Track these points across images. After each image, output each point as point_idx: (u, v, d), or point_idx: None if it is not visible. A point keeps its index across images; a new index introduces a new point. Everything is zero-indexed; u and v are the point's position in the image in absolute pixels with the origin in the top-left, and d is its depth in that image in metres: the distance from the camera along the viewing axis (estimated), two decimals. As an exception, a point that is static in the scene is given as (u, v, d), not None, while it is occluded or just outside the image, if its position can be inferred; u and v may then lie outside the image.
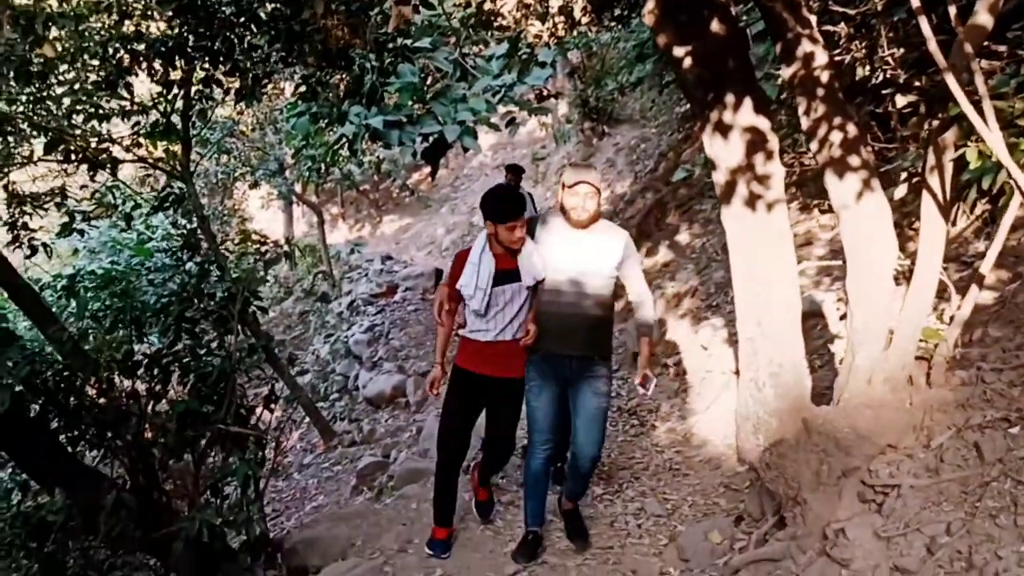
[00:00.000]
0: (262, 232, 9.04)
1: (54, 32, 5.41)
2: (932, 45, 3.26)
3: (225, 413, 5.66)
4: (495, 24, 8.46)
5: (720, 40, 3.87)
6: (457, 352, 4.77)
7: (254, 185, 15.84)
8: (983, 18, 3.48)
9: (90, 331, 5.46)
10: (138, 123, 7.55)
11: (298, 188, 17.23)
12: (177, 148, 8.97)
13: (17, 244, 6.65)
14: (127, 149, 8.25)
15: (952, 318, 4.20)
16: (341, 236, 21.70)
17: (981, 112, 3.28)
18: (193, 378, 5.72)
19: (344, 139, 8.51)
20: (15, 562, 5.22)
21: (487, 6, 8.34)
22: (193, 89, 7.18)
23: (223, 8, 5.81)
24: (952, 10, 3.31)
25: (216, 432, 5.60)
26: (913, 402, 4.16)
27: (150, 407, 5.71)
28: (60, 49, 5.81)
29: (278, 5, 5.40)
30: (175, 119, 8.35)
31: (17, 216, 7.03)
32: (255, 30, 5.71)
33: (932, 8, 3.52)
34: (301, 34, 5.46)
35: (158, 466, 5.71)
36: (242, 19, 5.61)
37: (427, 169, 22.79)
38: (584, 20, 4.78)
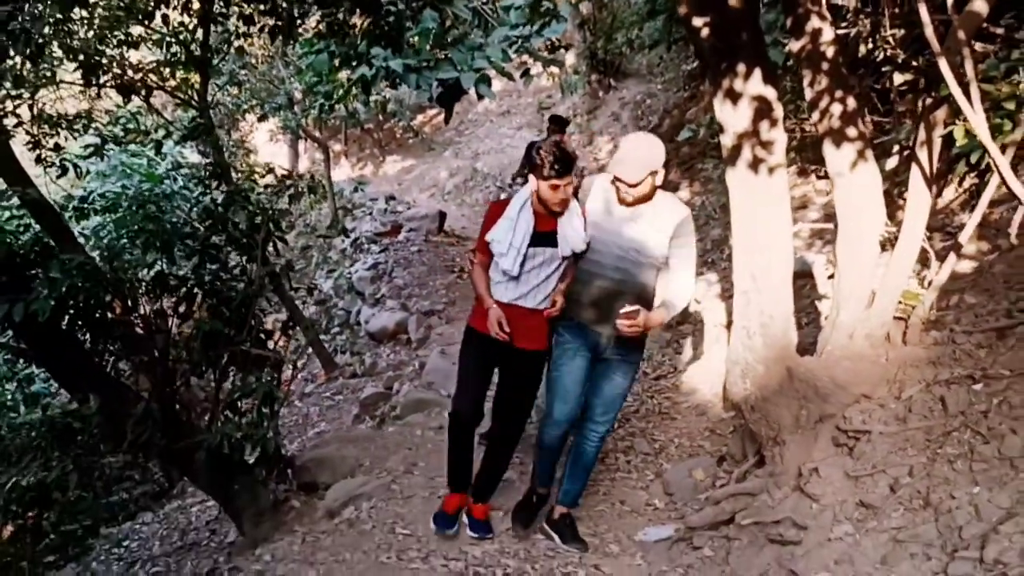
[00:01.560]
0: (267, 164, 9.33)
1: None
2: (928, 30, 3.58)
3: (246, 336, 6.01)
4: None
5: (736, 13, 4.18)
6: (473, 310, 4.53)
7: (263, 118, 15.97)
8: (979, 5, 3.78)
9: (125, 251, 5.75)
10: (175, 53, 7.76)
11: (305, 123, 17.41)
12: (195, 78, 9.20)
13: (48, 164, 6.91)
14: (145, 76, 8.48)
15: (930, 283, 4.57)
16: (343, 174, 21.85)
17: (968, 94, 3.61)
18: (216, 301, 6.03)
19: (363, 79, 8.79)
20: (48, 463, 5.57)
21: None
22: (229, 24, 7.42)
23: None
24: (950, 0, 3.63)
25: (237, 353, 5.95)
26: (889, 357, 4.53)
27: (176, 326, 6.04)
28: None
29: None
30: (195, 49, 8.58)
31: (41, 136, 7.29)
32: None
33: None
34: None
35: (181, 382, 6.07)
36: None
37: (432, 111, 23.06)
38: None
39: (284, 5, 6.19)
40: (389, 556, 4.49)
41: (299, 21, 6.40)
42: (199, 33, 8.26)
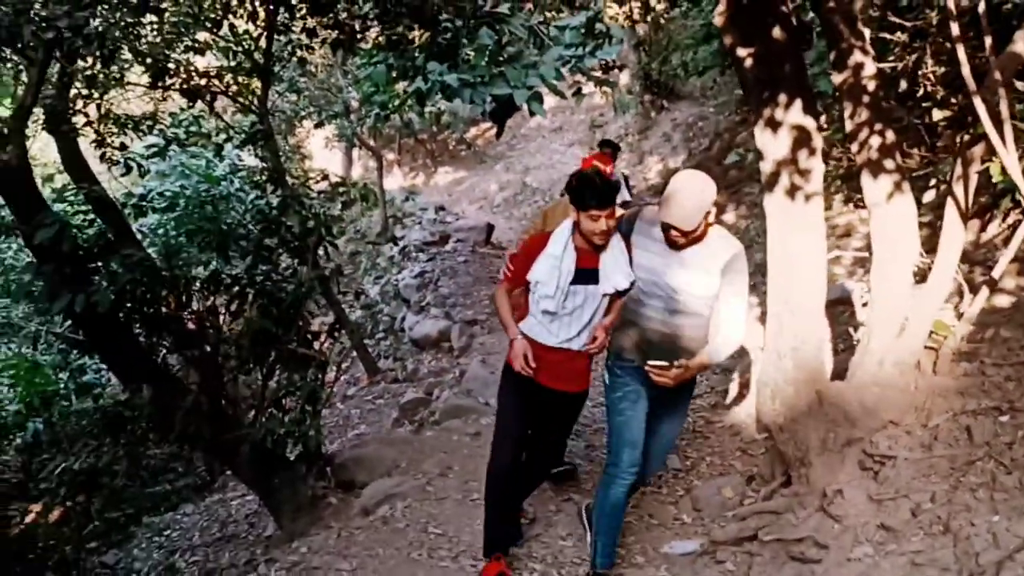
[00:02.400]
0: (323, 170, 9.59)
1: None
2: (965, 69, 3.69)
3: (293, 335, 6.23)
4: (572, -4, 8.85)
5: (780, 45, 4.31)
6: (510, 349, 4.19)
7: (319, 125, 16.31)
8: (1020, 47, 3.89)
9: (182, 249, 5.99)
10: (239, 60, 8.04)
11: (360, 132, 17.73)
12: (256, 85, 9.49)
13: (114, 162, 7.21)
14: (210, 81, 8.78)
15: (962, 315, 4.65)
16: (395, 183, 22.18)
17: (1003, 133, 3.71)
18: (267, 301, 6.26)
19: (418, 92, 9.03)
20: (100, 449, 5.82)
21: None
22: (293, 37, 7.69)
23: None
24: (988, 40, 3.73)
25: (284, 352, 6.17)
26: (918, 386, 4.61)
27: (227, 324, 6.28)
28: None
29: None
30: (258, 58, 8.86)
31: (107, 135, 7.61)
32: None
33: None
34: (399, -3, 5.95)
35: (229, 377, 6.30)
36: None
37: (485, 125, 23.30)
38: (659, 7, 5.15)
39: (346, 19, 6.43)
40: (420, 554, 4.67)
41: (360, 35, 6.62)
42: (262, 41, 8.55)
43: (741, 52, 4.39)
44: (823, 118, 8.29)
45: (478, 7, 6.25)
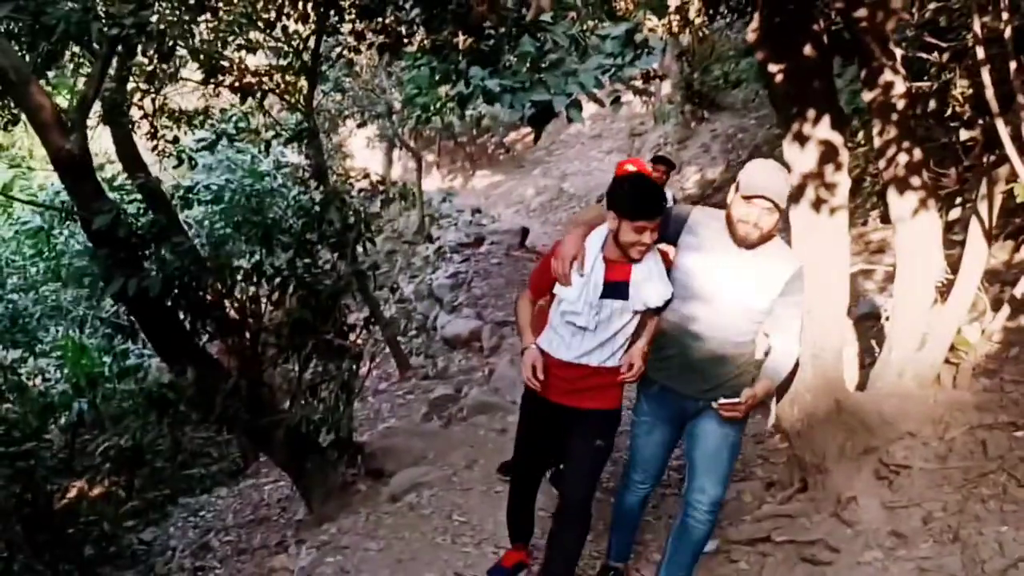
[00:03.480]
0: (364, 169, 9.84)
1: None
2: (989, 92, 3.81)
3: (331, 327, 6.45)
4: (614, 5, 9.00)
5: (810, 62, 4.44)
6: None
7: (362, 124, 16.60)
8: (1046, 72, 4.00)
9: (229, 240, 6.22)
10: (291, 62, 8.30)
11: (401, 133, 18.00)
12: (303, 84, 9.75)
13: (167, 155, 7.49)
14: (260, 79, 9.05)
15: (983, 332, 4.76)
16: (433, 184, 22.44)
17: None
18: (307, 293, 6.47)
19: (460, 96, 9.22)
20: (146, 427, 6.06)
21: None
22: (341, 39, 7.93)
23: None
24: (1012, 65, 3.85)
25: (320, 342, 6.38)
26: (936, 399, 4.72)
27: (268, 313, 6.51)
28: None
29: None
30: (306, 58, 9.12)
31: (160, 128, 7.89)
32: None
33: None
34: (444, 2, 6.13)
35: (267, 364, 6.53)
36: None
37: (525, 130, 23.47)
38: (698, 21, 5.31)
39: (393, 24, 6.64)
40: (444, 539, 4.85)
41: (406, 40, 6.83)
42: (311, 42, 8.80)
43: (772, 68, 4.53)
44: (861, 134, 8.39)
45: (522, 16, 6.42)
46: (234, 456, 10.59)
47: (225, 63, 7.92)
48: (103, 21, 5.13)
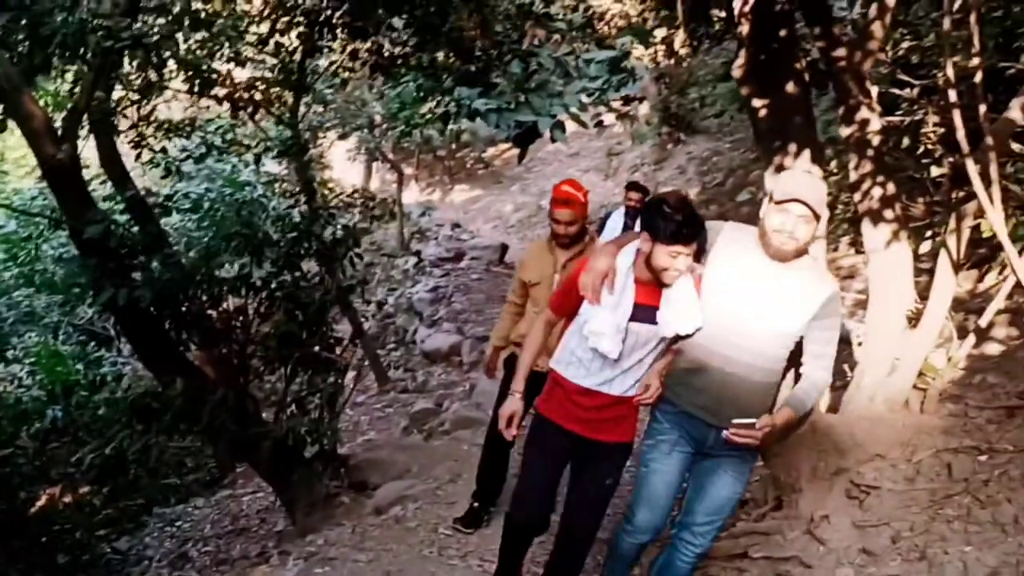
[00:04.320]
0: (354, 186, 9.96)
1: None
2: (960, 134, 4.02)
3: (318, 340, 6.57)
4: (598, 31, 9.21)
5: (792, 99, 4.65)
6: (545, 392, 3.73)
7: (343, 136, 16.69)
8: (1015, 114, 4.22)
9: (220, 252, 6.31)
10: (276, 75, 8.40)
11: (382, 146, 18.12)
12: (289, 96, 9.87)
13: (154, 165, 7.57)
14: (251, 93, 9.14)
15: (950, 359, 4.96)
16: (411, 196, 22.50)
17: (992, 194, 4.04)
18: (294, 306, 6.59)
19: (446, 113, 9.41)
20: (132, 436, 6.14)
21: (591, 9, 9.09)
22: (335, 58, 8.07)
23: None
24: (982, 108, 4.06)
25: (308, 355, 6.50)
26: (905, 422, 4.91)
27: (255, 325, 6.62)
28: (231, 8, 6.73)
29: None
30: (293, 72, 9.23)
31: (150, 137, 7.98)
32: (396, 14, 6.48)
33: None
34: (438, 27, 6.30)
35: (253, 376, 6.64)
36: (388, 4, 6.41)
37: (504, 145, 23.68)
38: (683, 51, 5.51)
39: (387, 46, 6.80)
40: (431, 551, 4.98)
41: (400, 62, 6.99)
42: (297, 55, 8.93)
43: (756, 103, 4.73)
44: (834, 163, 8.63)
45: (515, 40, 6.61)
46: (210, 466, 10.63)
47: (214, 75, 8.04)
48: (100, 34, 5.24)
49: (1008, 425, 4.73)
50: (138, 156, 8.24)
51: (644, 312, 3.38)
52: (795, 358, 3.53)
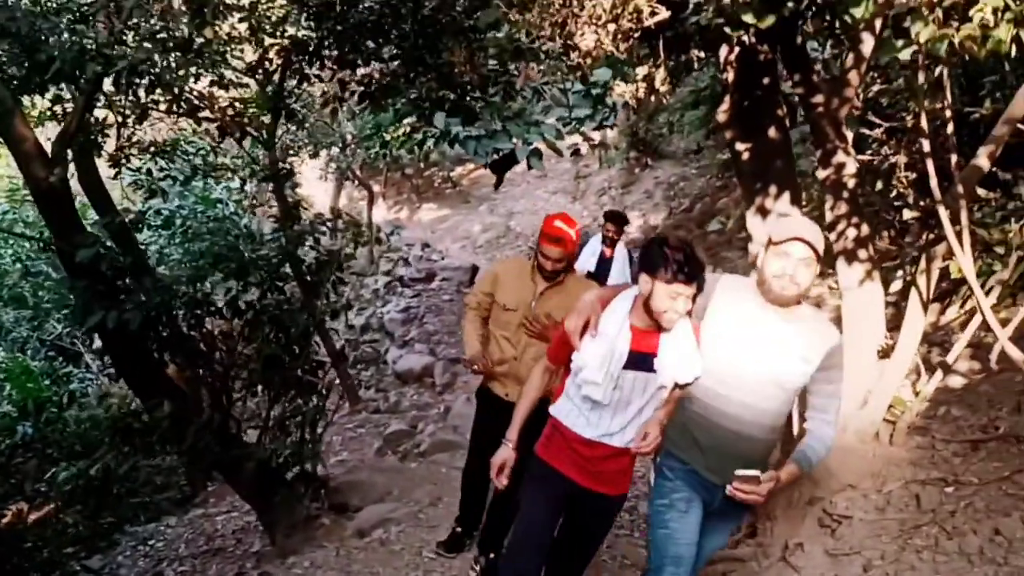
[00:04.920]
0: (337, 209, 10.06)
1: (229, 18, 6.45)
2: (933, 182, 4.25)
3: (301, 363, 6.65)
4: (574, 61, 9.41)
5: (773, 144, 4.87)
6: (544, 436, 3.65)
7: (315, 155, 16.78)
8: (982, 162, 4.45)
9: (208, 275, 6.37)
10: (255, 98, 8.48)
11: (353, 166, 18.23)
12: (267, 117, 9.95)
13: (139, 187, 7.63)
14: (212, 107, 9.18)
15: (918, 394, 5.20)
16: (379, 215, 22.59)
17: (961, 238, 4.27)
18: (278, 329, 6.66)
19: (424, 137, 9.59)
20: (119, 456, 6.18)
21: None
22: (326, 88, 8.18)
23: (353, 18, 6.74)
24: (954, 157, 4.30)
25: (292, 378, 6.58)
26: (875, 454, 5.14)
27: (239, 347, 6.68)
28: (216, 33, 6.78)
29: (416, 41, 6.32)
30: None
31: (127, 159, 8.02)
32: (384, 46, 6.63)
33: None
34: (427, 59, 6.45)
35: (237, 398, 6.71)
36: (377, 37, 6.55)
37: (471, 164, 23.84)
38: (663, 89, 5.69)
39: (377, 77, 6.94)
40: (416, 574, 5.09)
41: (388, 92, 7.12)
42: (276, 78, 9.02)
43: (739, 146, 4.95)
44: (803, 194, 8.92)
45: (506, 74, 6.78)
46: (181, 484, 10.61)
47: (196, 98, 8.12)
48: (99, 61, 5.33)
49: (973, 458, 4.96)
50: (116, 175, 8.29)
51: (641, 360, 3.27)
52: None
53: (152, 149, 7.42)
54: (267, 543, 7.03)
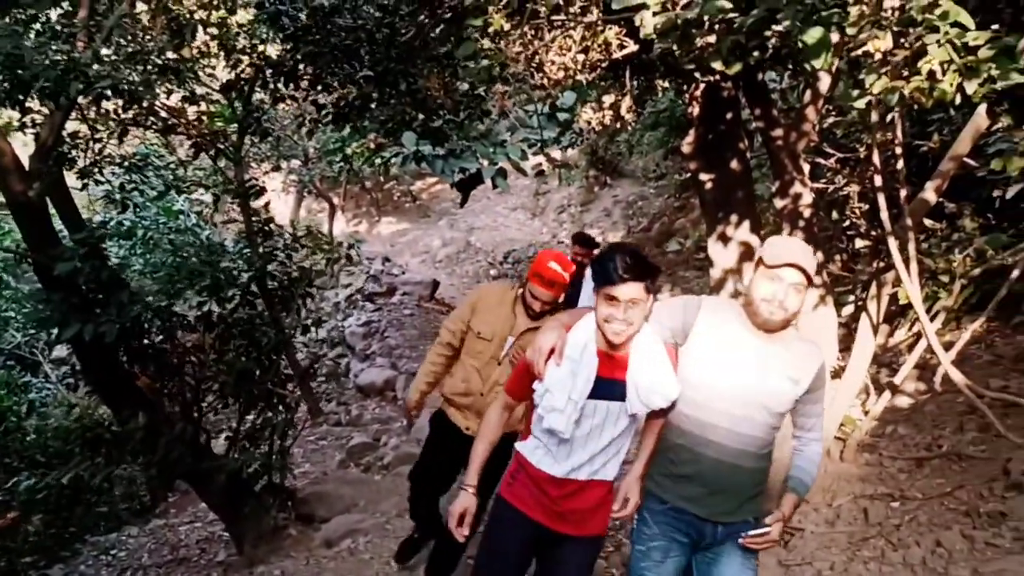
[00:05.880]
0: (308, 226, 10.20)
1: (199, 37, 6.59)
2: (884, 215, 4.54)
3: (271, 376, 6.79)
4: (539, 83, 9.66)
5: (735, 175, 5.14)
6: (510, 475, 3.30)
7: (276, 168, 16.86)
8: (929, 195, 4.75)
9: (184, 291, 6.48)
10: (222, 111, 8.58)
11: (315, 180, 18.34)
12: (233, 131, 10.06)
13: (111, 200, 7.71)
14: (187, 124, 9.30)
15: (867, 412, 5.49)
16: (338, 228, 22.68)
17: (909, 267, 4.56)
18: (249, 343, 6.79)
19: (395, 156, 9.72)
20: (93, 466, 6.26)
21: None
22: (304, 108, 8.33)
23: (331, 40, 6.91)
24: (903, 192, 4.59)
25: (263, 391, 6.72)
26: (826, 470, 5.41)
27: (212, 360, 6.80)
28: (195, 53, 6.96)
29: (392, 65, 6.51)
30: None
31: (101, 173, 8.09)
32: (359, 70, 6.80)
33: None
34: (398, 83, 6.64)
35: (208, 410, 6.82)
36: (352, 60, 6.72)
37: (431, 179, 24.03)
38: (628, 117, 5.94)
39: (352, 99, 7.10)
40: (387, 584, 5.25)
41: (366, 116, 7.28)
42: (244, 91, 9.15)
43: (703, 177, 5.20)
44: (761, 220, 9.25)
45: (478, 96, 6.99)
46: (141, 495, 10.62)
47: (167, 112, 8.23)
48: (81, 79, 5.44)
49: (917, 474, 5.26)
50: (83, 187, 8.35)
51: (609, 387, 3.00)
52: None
53: (127, 164, 7.47)
54: (232, 553, 7.14)
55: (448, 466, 4.66)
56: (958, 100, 3.19)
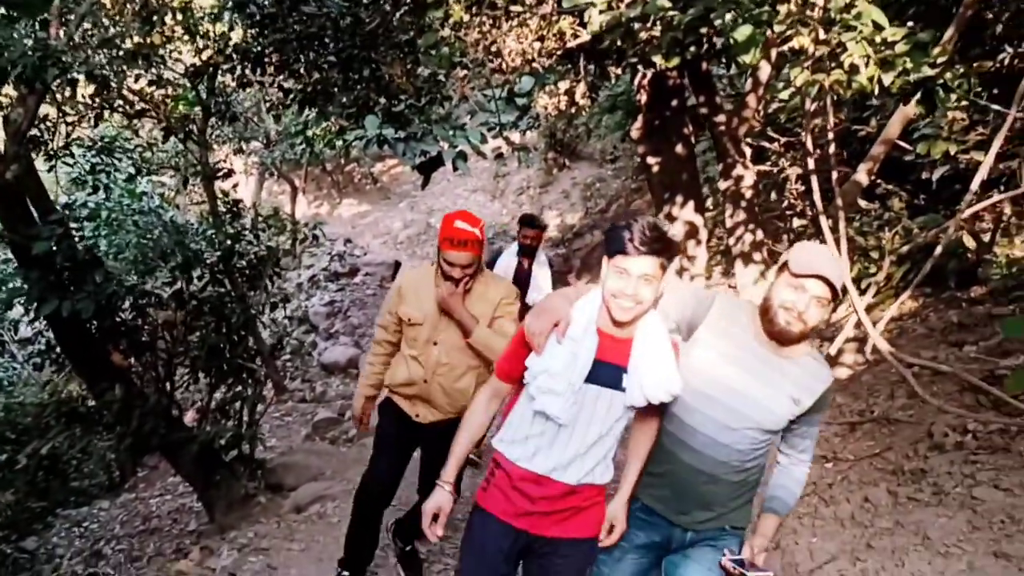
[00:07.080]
0: (277, 208, 10.42)
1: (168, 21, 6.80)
2: (816, 196, 4.91)
3: (240, 352, 7.05)
4: (496, 67, 9.96)
5: (680, 159, 5.49)
6: (488, 481, 2.99)
7: (238, 151, 16.98)
8: (861, 177, 5.14)
9: (157, 269, 6.69)
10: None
11: (277, 162, 18.46)
12: (198, 113, 10.24)
13: (82, 182, 7.90)
14: (156, 108, 9.49)
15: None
16: (299, 210, 22.75)
17: (839, 245, 4.94)
18: (219, 319, 7.04)
19: (361, 139, 9.94)
20: (72, 438, 6.49)
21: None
22: (270, 93, 8.54)
23: (296, 27, 7.15)
24: (835, 175, 4.97)
25: (232, 366, 6.98)
26: (767, 435, 5.79)
27: (181, 335, 7.04)
28: (163, 38, 7.15)
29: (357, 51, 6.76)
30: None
31: (71, 156, 8.26)
32: (324, 57, 7.05)
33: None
34: (362, 70, 6.90)
35: (180, 384, 7.07)
36: (315, 44, 6.95)
37: (392, 161, 24.17)
38: (583, 102, 6.26)
39: (317, 84, 7.34)
40: (356, 543, 5.54)
41: (330, 100, 7.52)
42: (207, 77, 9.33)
43: (650, 160, 5.55)
44: (709, 200, 9.61)
45: (438, 83, 7.26)
46: (110, 471, 10.80)
47: (135, 96, 8.42)
48: (58, 65, 5.65)
49: (850, 438, 5.67)
50: (50, 169, 8.53)
51: (607, 372, 2.74)
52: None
53: (97, 145, 7.66)
54: (204, 522, 7.41)
55: (398, 464, 4.44)
56: (877, 91, 3.53)
